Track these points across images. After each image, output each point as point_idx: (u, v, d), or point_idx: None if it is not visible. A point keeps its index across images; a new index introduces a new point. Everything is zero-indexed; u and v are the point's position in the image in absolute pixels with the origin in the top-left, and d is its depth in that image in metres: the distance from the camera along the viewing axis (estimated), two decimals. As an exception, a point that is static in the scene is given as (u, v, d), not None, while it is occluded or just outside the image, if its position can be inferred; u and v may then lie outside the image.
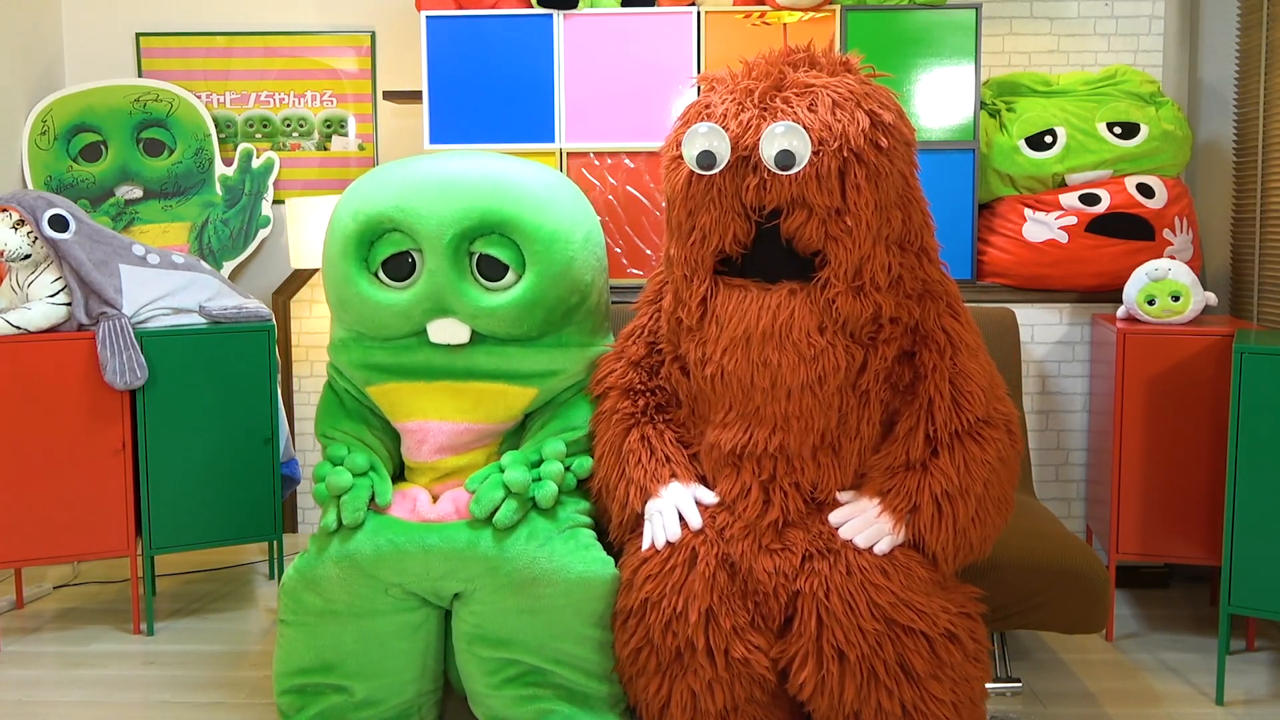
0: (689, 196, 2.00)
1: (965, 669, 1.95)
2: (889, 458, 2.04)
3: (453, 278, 2.19)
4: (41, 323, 2.75)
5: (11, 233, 2.72)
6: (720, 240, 2.01)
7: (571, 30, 3.14)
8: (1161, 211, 3.06)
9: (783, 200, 1.95)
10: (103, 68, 3.64)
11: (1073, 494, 3.27)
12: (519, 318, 2.22)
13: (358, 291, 2.23)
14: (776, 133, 1.90)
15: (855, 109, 1.94)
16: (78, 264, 2.75)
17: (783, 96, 1.97)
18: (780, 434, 2.01)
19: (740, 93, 2.00)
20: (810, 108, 1.93)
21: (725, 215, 1.99)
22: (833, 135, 1.90)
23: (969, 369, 2.04)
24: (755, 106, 1.96)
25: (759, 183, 1.94)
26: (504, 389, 2.28)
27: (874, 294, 1.98)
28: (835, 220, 1.94)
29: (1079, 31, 3.38)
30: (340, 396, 2.39)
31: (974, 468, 1.99)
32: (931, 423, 2.01)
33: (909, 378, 2.06)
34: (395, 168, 2.30)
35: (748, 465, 2.04)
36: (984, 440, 2.01)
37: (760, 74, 2.02)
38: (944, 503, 1.97)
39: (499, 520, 2.11)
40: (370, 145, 3.64)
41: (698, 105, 2.05)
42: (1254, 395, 2.38)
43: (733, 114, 1.96)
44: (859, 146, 1.91)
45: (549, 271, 2.21)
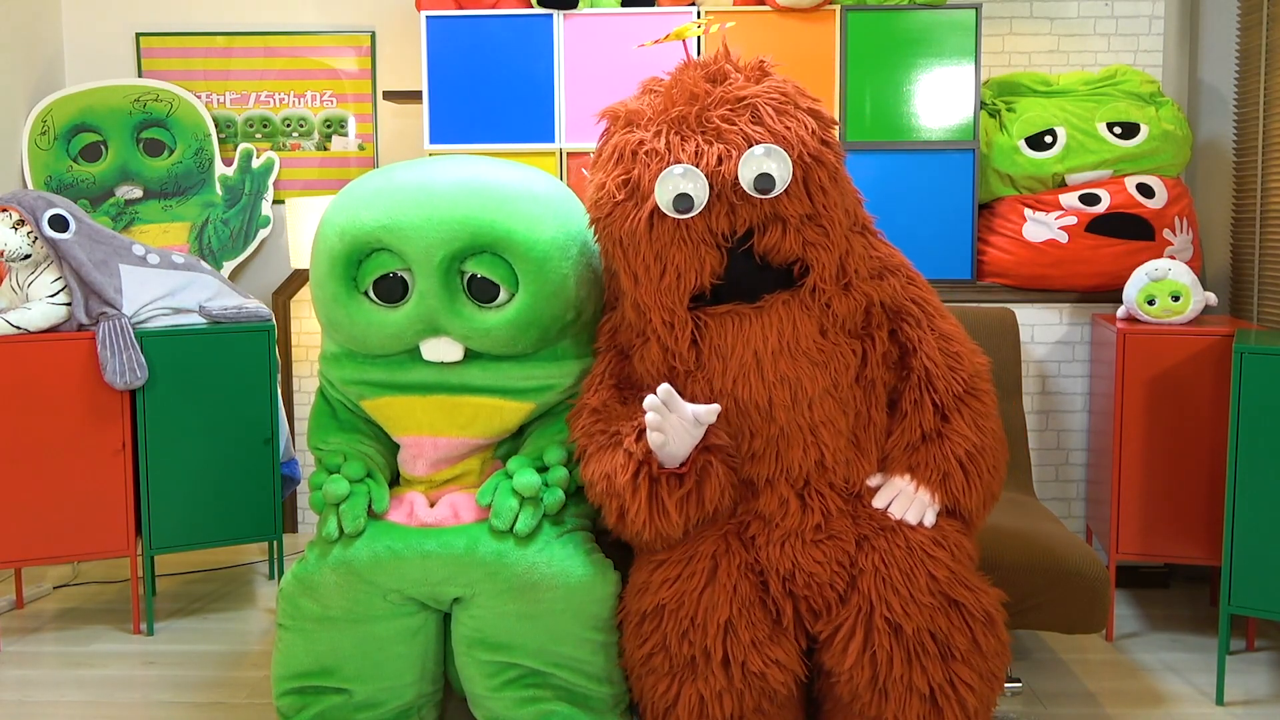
0: (654, 239, 1.91)
1: (992, 663, 1.94)
2: (904, 435, 2.04)
3: (444, 299, 2.12)
4: (41, 323, 2.75)
5: (11, 233, 2.72)
6: (697, 277, 1.93)
7: (571, 30, 3.14)
8: (1161, 211, 3.06)
9: (754, 220, 1.91)
10: (103, 68, 3.64)
11: (1073, 494, 3.27)
12: (513, 337, 2.16)
13: (347, 313, 2.17)
14: (755, 155, 1.85)
15: (797, 111, 1.91)
16: (78, 264, 2.75)
17: (719, 115, 1.89)
18: (814, 450, 1.98)
19: (672, 121, 1.91)
20: (753, 120, 1.88)
21: (698, 249, 1.91)
22: (790, 144, 1.87)
23: (947, 330, 2.07)
24: (696, 132, 1.88)
25: (727, 209, 1.90)
26: (500, 404, 2.24)
27: (860, 285, 1.99)
28: (810, 226, 1.92)
29: (1079, 31, 3.38)
30: (333, 406, 2.36)
31: (982, 422, 2.03)
32: (934, 391, 2.02)
33: (896, 353, 2.06)
34: (380, 179, 2.22)
35: (782, 481, 2.01)
36: (980, 393, 2.05)
37: (681, 96, 1.94)
38: (968, 464, 1.99)
39: (520, 529, 2.09)
40: (370, 145, 3.64)
41: (628, 143, 1.93)
42: (1254, 395, 2.38)
43: (678, 145, 1.88)
44: (814, 148, 1.89)
45: (543, 290, 2.14)
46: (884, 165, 3.16)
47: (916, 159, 3.16)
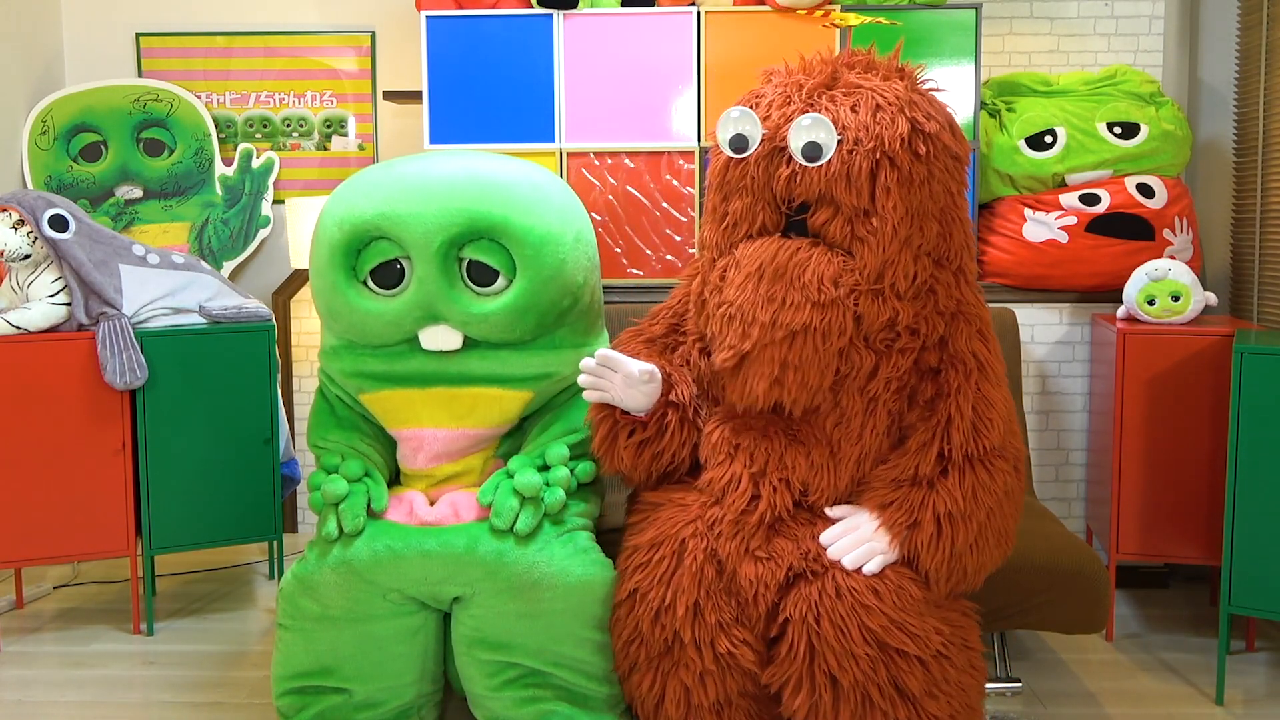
0: (724, 182, 2.06)
1: (961, 680, 1.93)
2: (897, 470, 2.02)
3: (443, 285, 2.15)
4: (41, 323, 2.75)
5: (11, 233, 2.72)
6: (749, 227, 2.03)
7: (571, 30, 3.14)
8: (1161, 211, 3.06)
9: (811, 195, 1.97)
10: (103, 68, 3.64)
11: (1073, 494, 3.27)
12: (511, 323, 2.19)
13: (347, 301, 2.20)
14: (803, 124, 1.93)
15: (897, 114, 1.94)
16: (78, 264, 2.75)
17: (829, 95, 2.00)
18: (777, 388, 1.96)
19: (791, 86, 2.03)
20: (853, 108, 1.95)
21: (756, 203, 2.02)
22: (869, 136, 1.92)
23: (992, 396, 2.03)
24: (802, 101, 2.00)
25: (790, 175, 1.97)
26: (499, 393, 2.26)
27: (893, 299, 1.97)
28: (862, 220, 1.95)
29: (1079, 31, 3.38)
30: (332, 404, 2.37)
31: (981, 495, 1.96)
32: (947, 441, 1.99)
33: (930, 393, 2.04)
34: (379, 171, 2.26)
35: (740, 455, 2.04)
36: (994, 470, 1.99)
37: (814, 71, 2.06)
38: (945, 524, 1.94)
39: (520, 529, 2.10)
40: (370, 145, 3.64)
41: (749, 95, 2.09)
42: (1254, 395, 2.38)
43: (778, 105, 2.00)
44: (893, 150, 1.91)
45: (540, 275, 2.18)
46: (884, 165, 3.15)
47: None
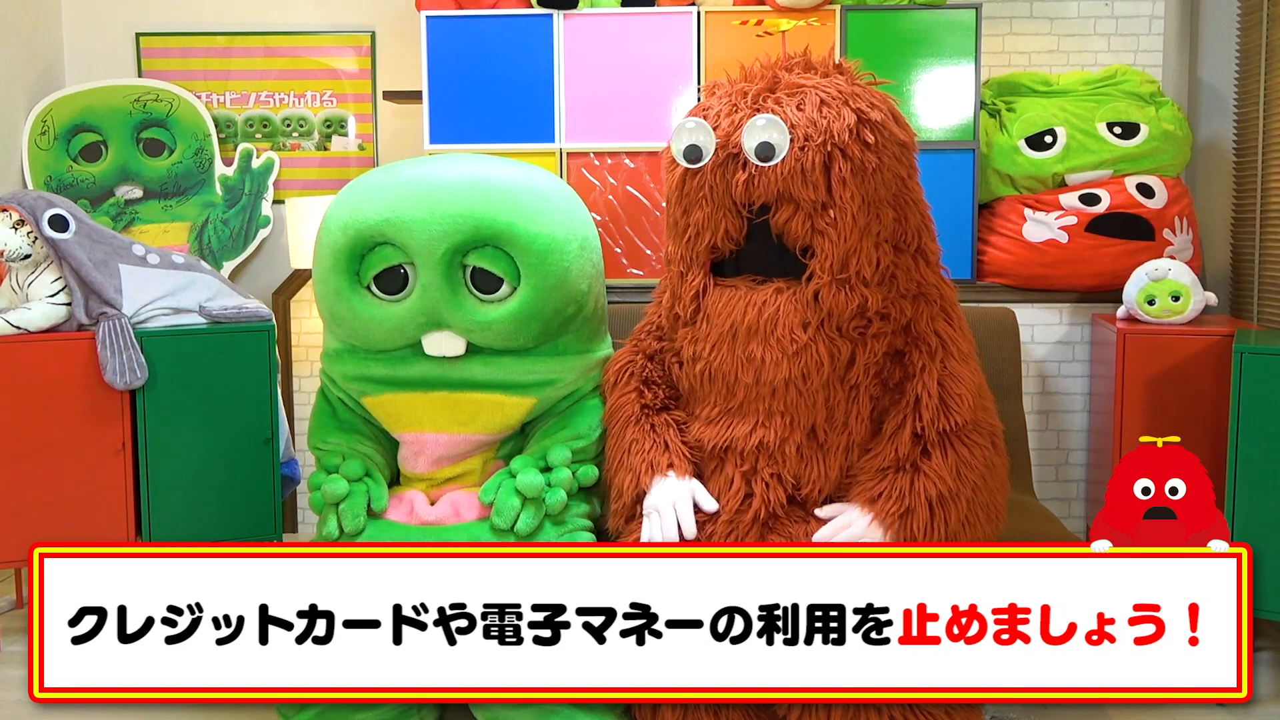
0: (684, 194, 2.08)
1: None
2: (879, 459, 2.04)
3: (446, 292, 2.14)
4: (41, 323, 2.75)
5: (11, 233, 2.72)
6: (713, 236, 2.06)
7: (571, 30, 3.14)
8: (1161, 211, 3.06)
9: (770, 195, 2.00)
10: (103, 68, 3.64)
11: (1073, 494, 3.27)
12: (515, 331, 2.18)
13: (350, 306, 2.19)
14: (757, 125, 1.97)
15: (842, 106, 1.99)
16: (78, 264, 2.75)
17: (774, 97, 2.03)
18: (761, 430, 2.04)
19: (736, 94, 2.07)
20: (799, 106, 1.99)
21: (717, 211, 2.05)
22: (818, 131, 1.96)
23: (958, 372, 2.05)
24: (749, 107, 2.03)
25: (747, 178, 2.00)
26: (501, 399, 2.25)
27: (860, 288, 2.00)
28: (821, 214, 1.98)
29: (1079, 31, 3.38)
30: (333, 406, 2.37)
31: (964, 471, 2.00)
32: (919, 419, 2.01)
33: (898, 376, 2.07)
34: (383, 175, 2.25)
35: (730, 459, 2.06)
36: (972, 445, 2.02)
37: (756, 77, 2.11)
38: (937, 506, 1.97)
39: (520, 529, 2.10)
40: (370, 145, 3.64)
41: (697, 108, 2.13)
42: (1254, 395, 2.38)
43: (726, 113, 2.04)
44: (843, 141, 1.95)
45: (544, 283, 2.16)
46: (884, 165, 3.16)
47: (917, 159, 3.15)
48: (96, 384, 2.77)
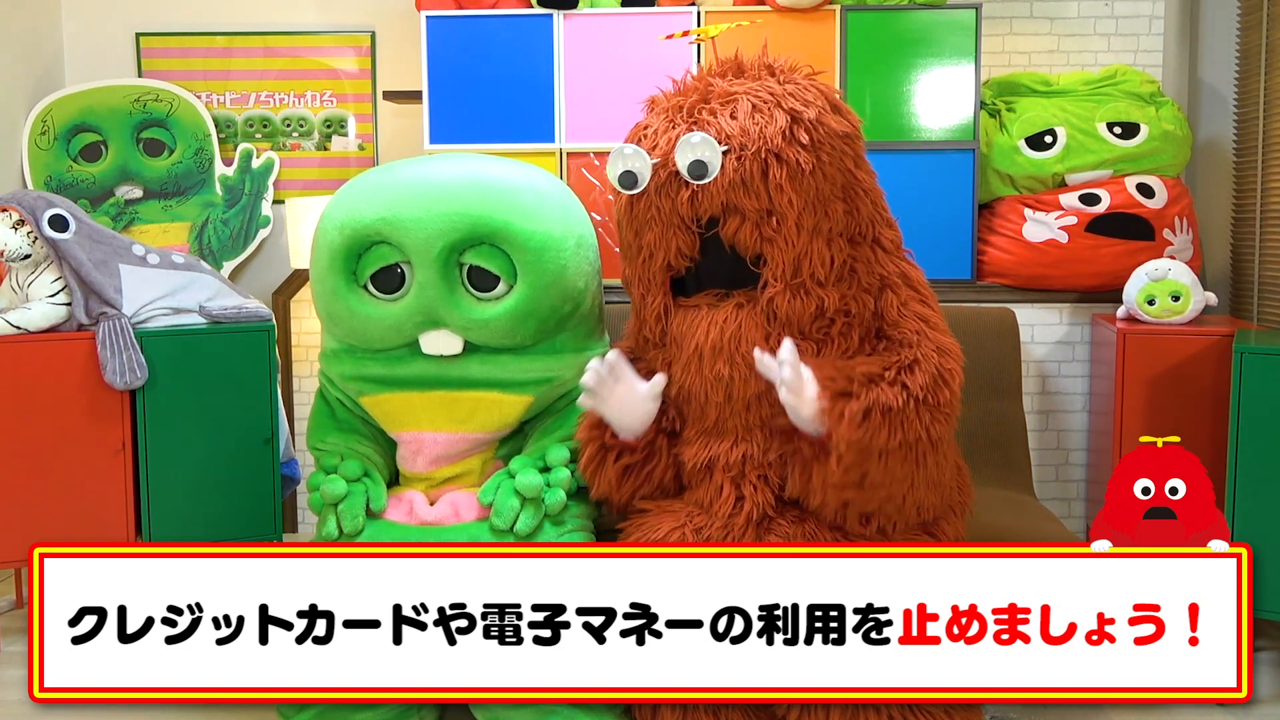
0: (634, 216, 2.07)
1: None
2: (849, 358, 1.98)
3: (443, 290, 2.15)
4: (41, 323, 2.75)
5: (11, 233, 2.72)
6: (666, 254, 2.05)
7: (571, 30, 3.14)
8: (1161, 211, 3.06)
9: (715, 208, 1.99)
10: (103, 68, 3.64)
11: (1073, 494, 3.27)
12: (512, 329, 2.19)
13: (347, 305, 2.20)
14: (691, 143, 1.96)
15: (774, 109, 1.97)
16: (78, 264, 2.75)
17: (708, 108, 2.01)
18: (744, 445, 2.05)
19: (672, 109, 2.06)
20: (732, 115, 1.98)
21: (667, 230, 2.04)
22: (751, 139, 1.95)
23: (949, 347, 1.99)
24: (684, 121, 2.02)
25: (691, 195, 1.99)
26: (499, 398, 2.26)
27: (815, 289, 1.99)
28: (766, 222, 1.97)
29: (1079, 31, 3.38)
30: (332, 406, 2.37)
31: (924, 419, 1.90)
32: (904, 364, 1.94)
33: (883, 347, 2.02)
34: (380, 175, 2.25)
35: (718, 468, 2.07)
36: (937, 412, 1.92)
37: (690, 89, 2.09)
38: (879, 415, 1.86)
39: (520, 529, 2.11)
40: (370, 145, 3.64)
41: (637, 128, 2.12)
42: (1254, 395, 2.38)
43: (663, 131, 2.03)
44: (777, 146, 1.94)
45: (541, 281, 2.17)
46: (884, 165, 3.10)
47: (916, 159, 3.16)
48: (96, 384, 2.77)
